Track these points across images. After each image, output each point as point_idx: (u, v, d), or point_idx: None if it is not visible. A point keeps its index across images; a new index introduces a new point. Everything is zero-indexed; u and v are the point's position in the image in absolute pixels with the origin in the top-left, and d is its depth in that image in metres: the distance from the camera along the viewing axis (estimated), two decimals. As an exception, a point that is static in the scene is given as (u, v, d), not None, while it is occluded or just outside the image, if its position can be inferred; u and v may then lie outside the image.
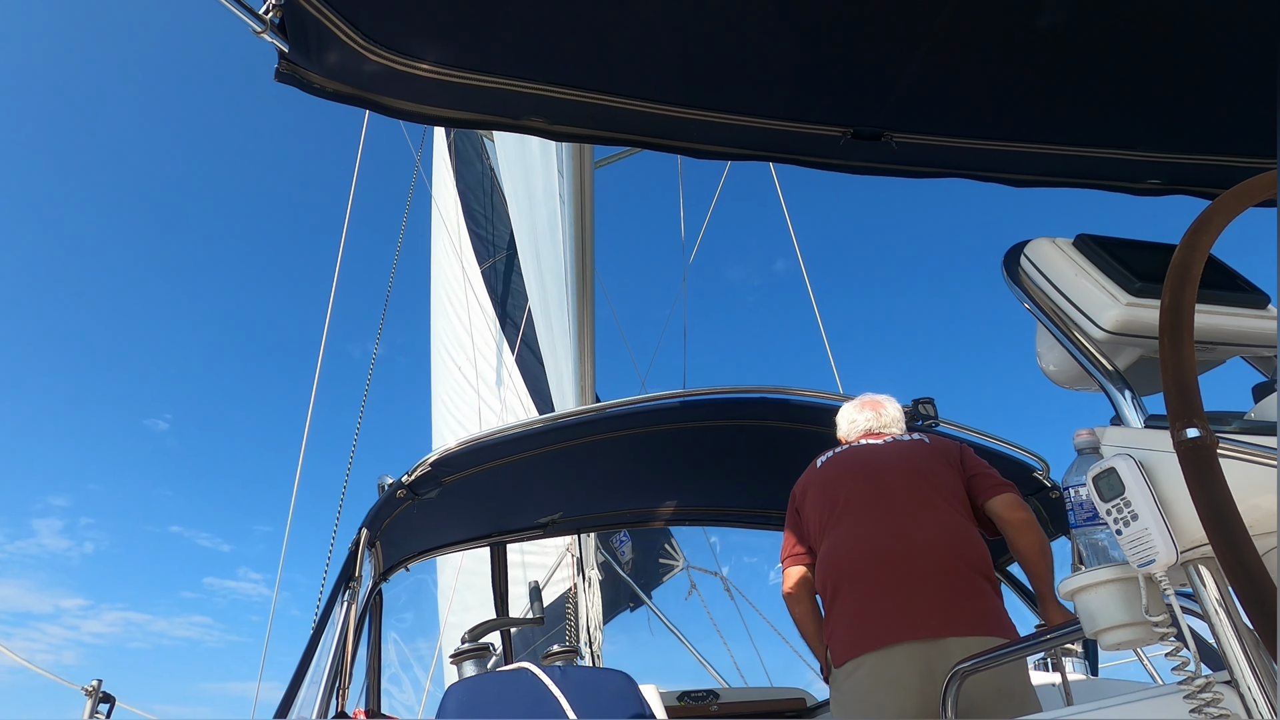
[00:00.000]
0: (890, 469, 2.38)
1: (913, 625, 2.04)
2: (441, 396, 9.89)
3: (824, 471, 2.45)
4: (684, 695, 4.05)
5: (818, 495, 2.39)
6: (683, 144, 2.17)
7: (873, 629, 2.08)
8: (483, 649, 2.87)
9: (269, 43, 1.67)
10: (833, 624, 2.20)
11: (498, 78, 1.87)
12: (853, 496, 2.32)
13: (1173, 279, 1.02)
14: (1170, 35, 1.83)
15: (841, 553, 2.23)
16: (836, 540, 2.26)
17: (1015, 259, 1.44)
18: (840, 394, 3.34)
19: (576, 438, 3.24)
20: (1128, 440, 1.15)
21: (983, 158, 2.23)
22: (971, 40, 1.84)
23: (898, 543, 2.18)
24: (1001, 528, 2.31)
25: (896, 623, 2.05)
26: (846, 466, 2.43)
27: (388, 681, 3.32)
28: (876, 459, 2.43)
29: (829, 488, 2.38)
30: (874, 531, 2.22)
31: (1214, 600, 1.07)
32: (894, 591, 2.10)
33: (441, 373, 9.97)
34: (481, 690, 2.51)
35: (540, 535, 3.91)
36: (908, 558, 2.14)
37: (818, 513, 2.36)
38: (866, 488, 2.33)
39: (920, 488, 2.33)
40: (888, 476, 2.36)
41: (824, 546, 2.30)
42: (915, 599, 2.08)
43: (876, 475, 2.36)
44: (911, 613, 2.06)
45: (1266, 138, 2.03)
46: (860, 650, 2.07)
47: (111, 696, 3.19)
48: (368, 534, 2.89)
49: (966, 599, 2.11)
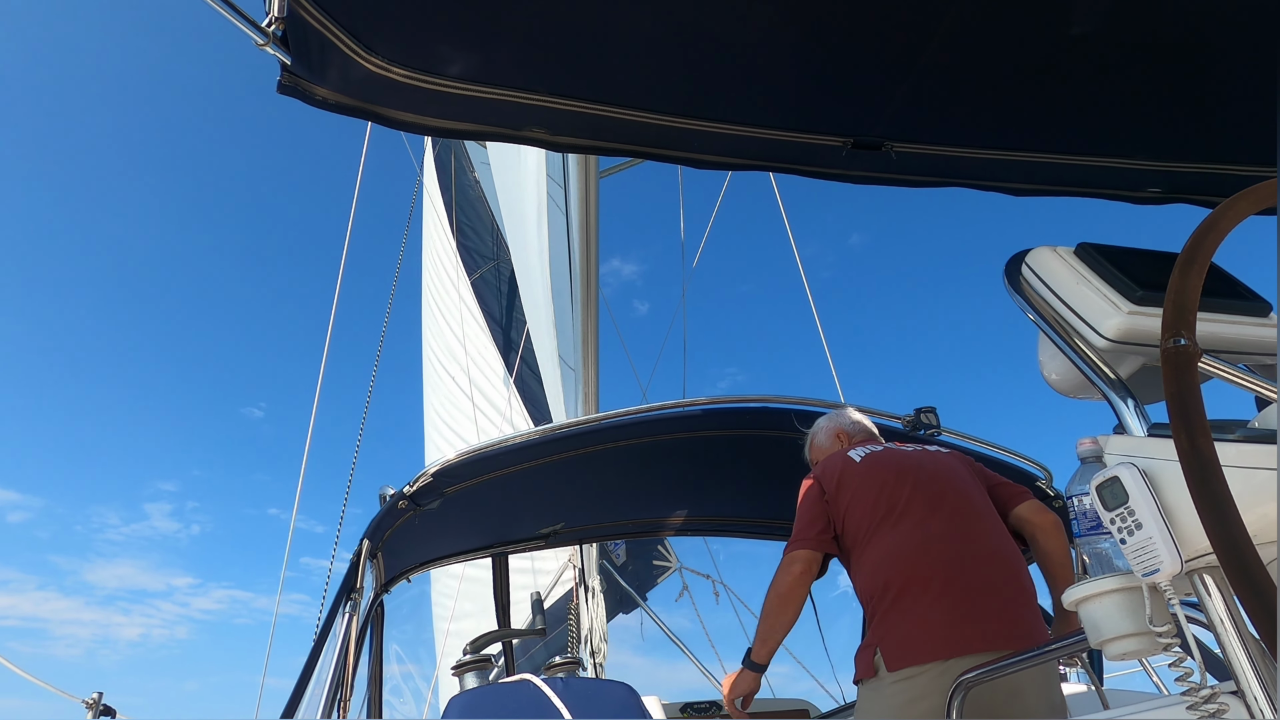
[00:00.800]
0: (945, 475, 2.31)
1: (983, 637, 1.97)
2: (434, 407, 9.89)
3: (867, 467, 2.32)
4: (687, 707, 4.04)
5: (863, 488, 2.27)
6: (683, 154, 2.18)
7: (946, 638, 1.99)
8: (484, 660, 2.86)
9: (271, 55, 1.68)
10: (892, 625, 2.06)
11: (499, 89, 1.88)
12: (916, 497, 2.22)
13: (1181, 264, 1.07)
14: (1170, 44, 1.84)
15: (909, 552, 2.12)
16: (901, 539, 2.15)
17: (1017, 268, 1.44)
18: (841, 402, 3.34)
19: (578, 448, 3.24)
20: (1131, 449, 1.15)
21: (983, 167, 2.23)
22: (971, 50, 1.84)
23: (973, 548, 2.12)
24: (1032, 532, 2.28)
25: (970, 633, 1.98)
26: (896, 466, 2.32)
27: (389, 693, 3.32)
28: (927, 463, 2.35)
29: (880, 484, 2.26)
30: (948, 534, 2.13)
31: (1219, 609, 1.06)
32: (968, 600, 2.03)
33: (434, 383, 9.98)
34: (483, 702, 2.50)
35: (542, 546, 3.90)
36: (981, 566, 2.09)
37: (866, 507, 2.23)
38: (929, 490, 2.25)
39: (975, 496, 2.29)
40: (947, 482, 2.28)
41: (882, 543, 2.17)
42: (988, 610, 2.03)
43: (936, 480, 2.28)
44: (984, 624, 2.00)
45: (1266, 146, 2.03)
46: (927, 658, 1.97)
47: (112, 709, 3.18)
48: (369, 545, 2.88)
49: (1032, 609, 2.12)
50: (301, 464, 5.14)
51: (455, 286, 9.73)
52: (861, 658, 2.09)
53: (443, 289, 10.07)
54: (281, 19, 1.62)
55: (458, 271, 9.83)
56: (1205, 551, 1.04)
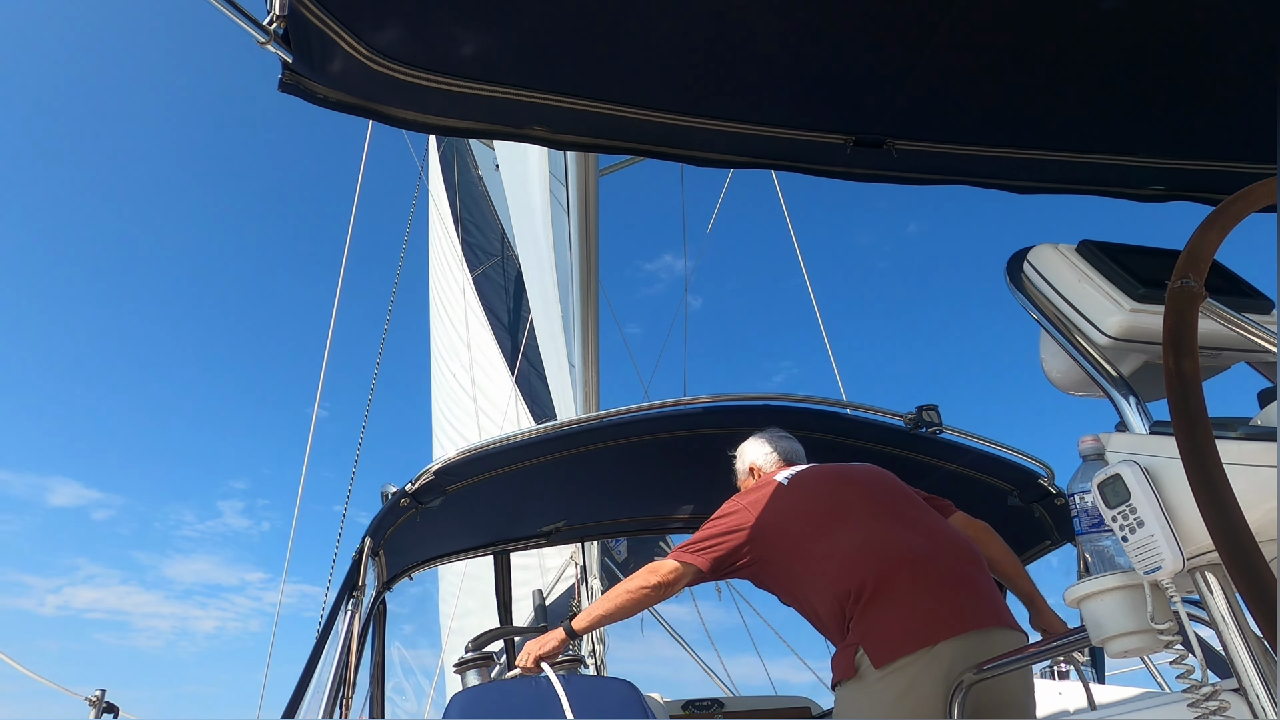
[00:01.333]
0: (879, 479, 2.38)
1: (963, 618, 2.01)
2: (440, 405, 9.91)
3: (796, 484, 2.35)
4: (689, 704, 4.04)
5: (798, 504, 2.29)
6: (685, 152, 2.18)
7: (927, 625, 2.00)
8: (486, 658, 2.86)
9: (272, 54, 1.68)
10: (871, 622, 2.06)
11: (500, 87, 1.88)
12: (858, 500, 2.27)
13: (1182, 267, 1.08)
14: (1171, 41, 1.84)
15: (873, 549, 2.13)
16: (860, 539, 2.16)
17: (1019, 265, 1.44)
18: (843, 400, 3.34)
19: (580, 445, 3.24)
20: (1133, 446, 1.15)
21: (985, 165, 2.23)
22: (973, 47, 1.84)
23: (931, 539, 2.16)
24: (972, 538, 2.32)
25: (951, 615, 2.01)
26: (830, 476, 2.37)
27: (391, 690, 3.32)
28: (857, 472, 2.40)
29: (815, 494, 2.31)
30: (902, 529, 2.18)
31: (1221, 607, 1.06)
32: (943, 586, 2.07)
33: (440, 381, 10.00)
34: (484, 699, 2.51)
35: (544, 544, 3.91)
36: (944, 556, 2.13)
37: (804, 519, 2.25)
38: (869, 493, 2.30)
39: (915, 498, 2.35)
40: (882, 484, 2.35)
41: (838, 547, 2.17)
42: (962, 592, 2.07)
43: (871, 484, 2.34)
44: (962, 605, 2.04)
45: (1267, 144, 2.03)
46: (915, 646, 1.98)
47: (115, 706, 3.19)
48: (371, 543, 2.88)
49: (998, 593, 2.17)
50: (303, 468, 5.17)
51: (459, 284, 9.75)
52: (840, 659, 2.08)
53: (447, 287, 10.09)
54: (283, 17, 1.62)
55: (461, 269, 9.85)
56: (1207, 549, 1.04)
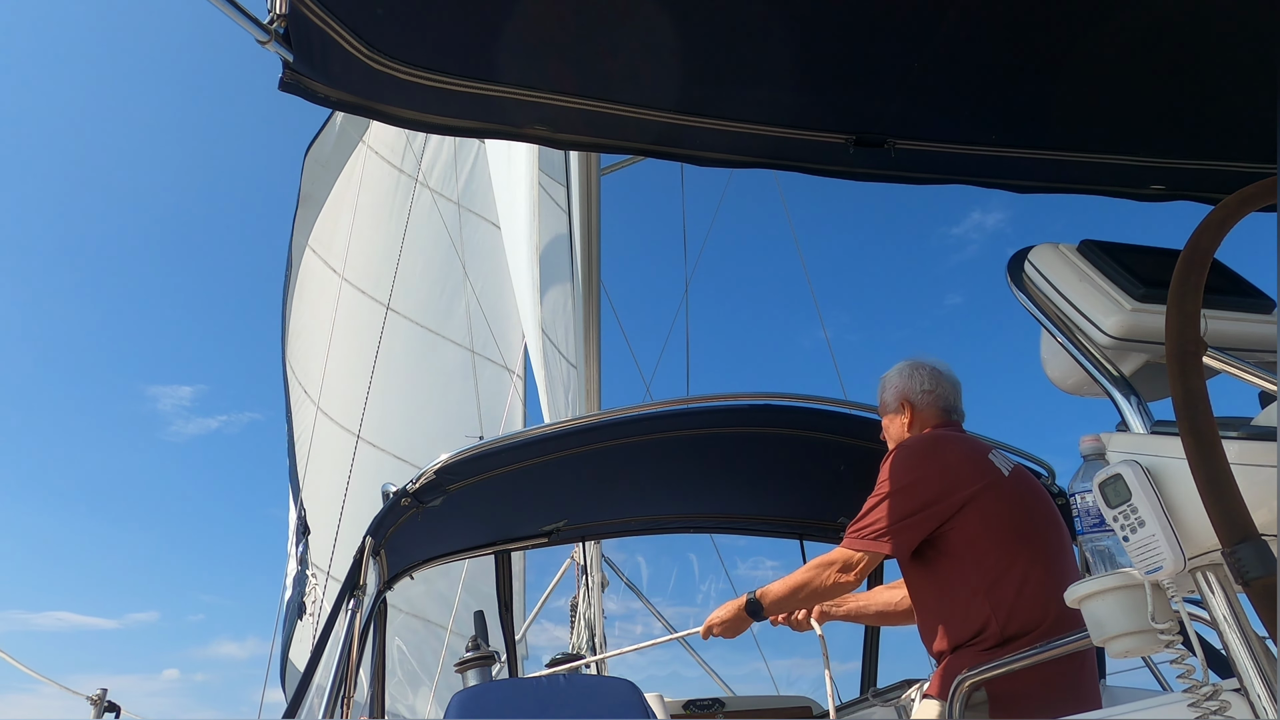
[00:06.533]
0: (1052, 519, 2.18)
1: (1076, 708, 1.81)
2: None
3: (1011, 489, 2.13)
4: (690, 704, 4.04)
5: (1005, 511, 2.07)
6: (685, 151, 2.18)
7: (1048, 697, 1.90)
8: (487, 657, 2.87)
9: (273, 53, 1.68)
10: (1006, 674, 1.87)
11: (501, 86, 1.88)
12: (1043, 540, 2.09)
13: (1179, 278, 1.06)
14: (1172, 41, 1.83)
15: (1050, 602, 1.93)
16: (1036, 583, 1.98)
17: (1020, 265, 1.44)
18: (844, 399, 3.33)
19: (581, 445, 3.24)
20: (1134, 446, 1.15)
21: (986, 164, 2.22)
22: (973, 46, 1.84)
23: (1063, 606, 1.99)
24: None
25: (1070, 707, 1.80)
26: (1030, 498, 2.17)
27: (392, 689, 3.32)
28: (1042, 500, 2.21)
29: (1021, 513, 2.10)
30: (1056, 585, 1.87)
31: (1222, 607, 1.06)
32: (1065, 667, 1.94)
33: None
34: (486, 699, 2.51)
35: (545, 543, 3.91)
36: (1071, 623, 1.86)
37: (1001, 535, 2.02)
38: (1050, 534, 2.13)
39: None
40: (1048, 519, 2.17)
41: (1014, 578, 1.99)
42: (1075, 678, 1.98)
43: (1053, 524, 2.16)
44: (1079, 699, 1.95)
45: (1267, 143, 2.03)
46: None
47: (116, 705, 3.19)
48: (372, 542, 2.88)
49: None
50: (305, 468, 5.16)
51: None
52: (945, 675, 1.95)
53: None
54: (283, 16, 1.62)
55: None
56: (1208, 549, 1.04)
